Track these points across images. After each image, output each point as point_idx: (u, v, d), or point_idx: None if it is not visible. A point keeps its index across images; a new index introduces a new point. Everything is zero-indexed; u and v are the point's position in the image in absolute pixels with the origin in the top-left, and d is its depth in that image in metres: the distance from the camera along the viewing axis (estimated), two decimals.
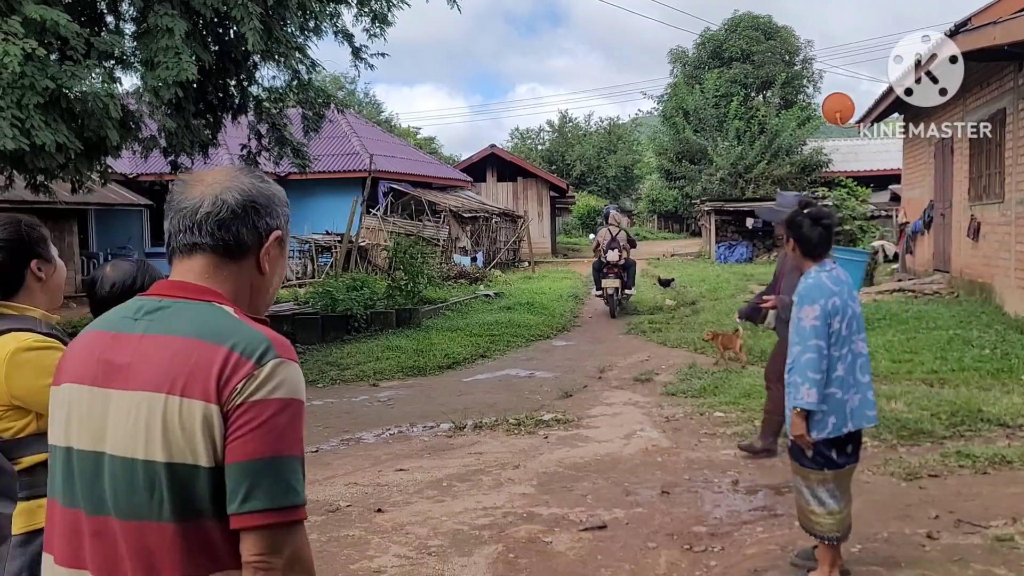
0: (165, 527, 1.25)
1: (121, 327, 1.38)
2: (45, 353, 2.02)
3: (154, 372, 1.29)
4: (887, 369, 7.95)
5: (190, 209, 1.39)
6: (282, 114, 11.28)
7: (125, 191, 21.11)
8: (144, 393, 1.28)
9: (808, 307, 3.44)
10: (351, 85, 48.89)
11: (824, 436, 3.44)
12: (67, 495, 1.35)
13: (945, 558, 3.83)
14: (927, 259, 14.93)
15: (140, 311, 1.38)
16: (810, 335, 3.42)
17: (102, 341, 1.38)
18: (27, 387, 1.99)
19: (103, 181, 10.52)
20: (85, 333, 1.44)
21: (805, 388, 3.39)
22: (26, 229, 2.15)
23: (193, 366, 1.27)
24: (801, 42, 37.11)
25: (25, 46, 6.43)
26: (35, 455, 2.02)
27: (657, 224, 53.71)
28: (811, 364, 3.39)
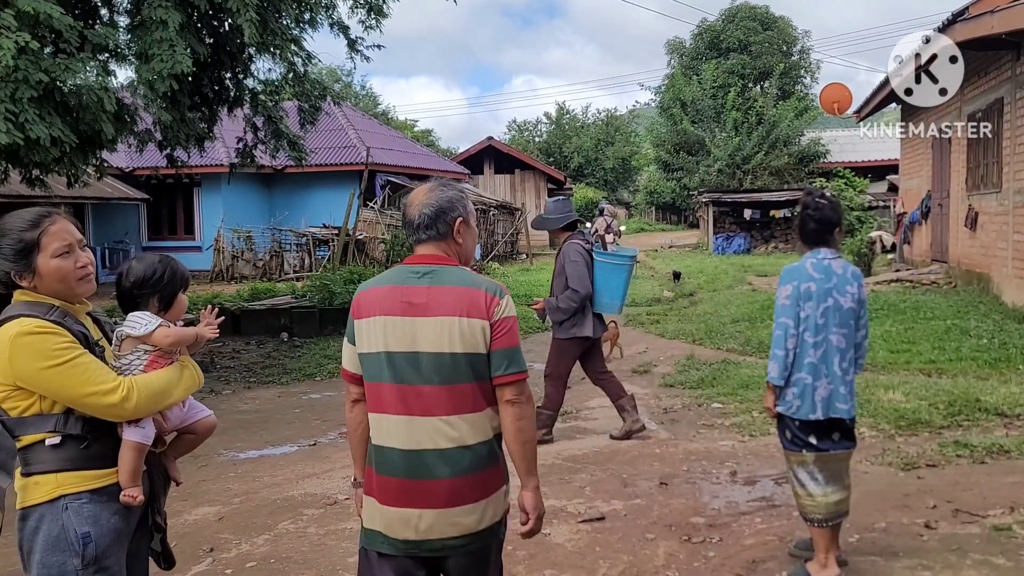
0: (465, 386, 2.30)
1: (408, 282, 2.35)
2: (44, 338, 2.09)
3: (447, 306, 2.29)
4: (885, 359, 7.96)
5: (412, 221, 2.41)
6: (278, 107, 11.22)
7: (122, 185, 21.06)
8: (444, 318, 2.29)
9: (782, 287, 3.60)
10: (347, 78, 48.78)
11: (791, 415, 3.55)
12: (393, 377, 2.31)
13: (943, 548, 3.84)
14: (925, 249, 14.94)
15: (419, 273, 2.36)
16: (780, 313, 3.58)
17: (397, 291, 2.34)
18: (26, 369, 2.07)
19: (99, 175, 10.46)
20: (377, 287, 2.38)
21: (771, 363, 3.57)
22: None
23: (470, 302, 2.30)
24: (798, 32, 37.09)
25: (18, 39, 6.37)
26: (35, 434, 2.13)
27: (655, 216, 53.64)
28: (777, 341, 3.56)
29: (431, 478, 2.31)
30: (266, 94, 10.94)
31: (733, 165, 29.96)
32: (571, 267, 5.83)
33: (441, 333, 2.30)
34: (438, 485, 2.31)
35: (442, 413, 2.31)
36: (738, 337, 9.93)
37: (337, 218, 20.64)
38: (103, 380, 2.12)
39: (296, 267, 21.26)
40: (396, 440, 2.34)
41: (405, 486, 2.33)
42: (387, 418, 2.35)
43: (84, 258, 2.23)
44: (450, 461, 2.31)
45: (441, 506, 2.31)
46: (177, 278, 2.44)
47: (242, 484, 5.36)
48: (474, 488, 2.34)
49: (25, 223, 2.18)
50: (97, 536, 2.14)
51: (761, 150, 29.60)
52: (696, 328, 10.93)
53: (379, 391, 2.36)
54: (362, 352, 2.38)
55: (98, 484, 2.18)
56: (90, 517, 2.14)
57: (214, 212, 22.45)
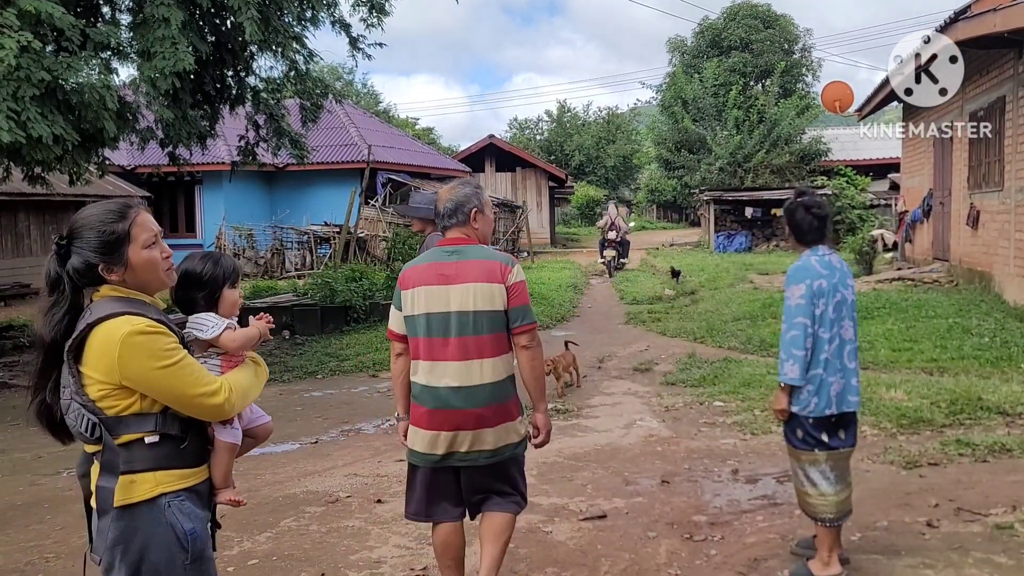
0: (488, 336, 3.08)
1: (440, 259, 3.13)
2: (155, 338, 2.07)
3: (471, 275, 3.07)
4: (887, 357, 7.96)
5: (441, 212, 3.21)
6: (280, 105, 11.23)
7: (123, 183, 21.05)
8: (471, 284, 3.07)
9: (795, 286, 3.56)
10: (349, 76, 48.77)
11: (807, 414, 3.53)
12: (432, 331, 3.09)
13: (945, 546, 3.84)
14: (926, 248, 14.93)
15: (448, 252, 3.13)
16: (795, 313, 3.53)
17: (433, 266, 3.13)
18: (138, 369, 2.04)
19: (100, 173, 10.47)
20: (418, 265, 3.18)
21: (789, 364, 3.51)
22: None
23: (490, 271, 3.08)
24: (800, 31, 37.01)
25: (20, 38, 6.38)
26: (134, 433, 2.10)
27: (656, 214, 53.65)
28: (795, 341, 3.51)
29: (462, 407, 3.09)
30: (268, 92, 10.95)
31: (734, 163, 29.91)
32: None
33: (467, 296, 3.10)
34: (468, 413, 3.08)
35: (471, 358, 3.09)
36: (739, 335, 9.93)
37: (338, 216, 20.64)
38: (208, 381, 2.13)
39: (297, 265, 21.27)
40: (435, 380, 3.11)
41: (441, 414, 3.10)
42: (428, 363, 3.13)
43: (167, 249, 2.27)
44: (477, 394, 3.09)
45: (470, 428, 3.09)
46: (219, 274, 2.40)
47: (244, 482, 5.36)
48: (495, 415, 3.12)
49: (112, 215, 2.16)
50: (200, 531, 2.18)
51: (762, 148, 29.55)
52: (697, 326, 10.93)
53: (421, 343, 3.15)
54: (407, 315, 3.19)
55: (193, 482, 2.20)
56: (191, 513, 2.16)
57: (215, 210, 22.46)
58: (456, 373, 3.08)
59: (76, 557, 4.22)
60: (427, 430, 3.12)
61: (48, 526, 4.72)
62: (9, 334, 12.13)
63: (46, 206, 18.73)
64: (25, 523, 4.78)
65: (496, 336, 3.12)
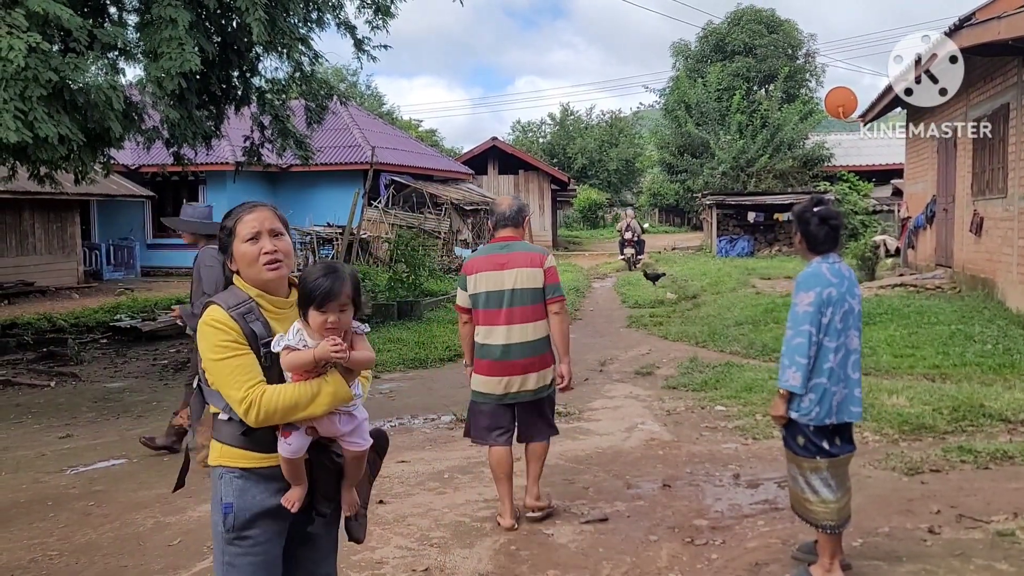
0: (530, 307, 4.28)
1: (495, 252, 4.33)
2: (214, 331, 2.28)
3: (521, 262, 4.28)
4: (889, 364, 7.96)
5: (503, 214, 4.40)
6: (285, 106, 11.25)
7: (128, 182, 21.10)
8: (519, 269, 4.27)
9: (803, 293, 3.55)
10: (353, 77, 48.81)
11: (808, 421, 3.52)
12: (488, 305, 4.27)
13: (947, 553, 3.85)
14: (929, 254, 14.92)
15: (501, 246, 4.34)
16: (802, 320, 3.51)
17: (490, 257, 4.34)
18: (202, 354, 2.31)
19: (106, 172, 10.49)
20: (479, 256, 4.41)
21: (791, 371, 3.50)
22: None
23: (532, 259, 4.31)
24: (804, 36, 37.09)
25: (29, 39, 6.41)
26: (214, 406, 2.36)
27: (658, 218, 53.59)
28: (799, 348, 3.49)
29: (512, 359, 4.29)
30: (273, 93, 10.97)
31: (737, 168, 29.92)
32: (206, 272, 5.77)
33: (516, 278, 4.30)
34: (516, 363, 4.29)
35: (518, 323, 4.29)
36: (742, 340, 9.93)
37: (341, 217, 20.66)
38: (239, 386, 2.24)
39: (300, 265, 21.29)
40: (493, 339, 4.32)
41: (498, 365, 4.31)
42: (486, 328, 4.34)
43: (269, 244, 2.35)
44: (522, 350, 4.29)
45: (518, 374, 4.29)
46: (305, 292, 2.30)
47: None
48: (535, 364, 4.31)
49: (228, 213, 2.43)
50: (239, 508, 2.33)
51: (765, 153, 29.57)
52: (699, 330, 10.94)
53: (481, 313, 4.35)
54: (471, 293, 4.38)
55: (251, 464, 2.34)
56: (237, 490, 2.33)
57: (219, 210, 22.29)
58: (507, 335, 4.29)
59: (80, 554, 4.24)
60: (488, 376, 4.34)
61: (51, 523, 4.73)
62: (13, 332, 12.15)
63: (51, 205, 18.78)
64: (28, 521, 4.79)
65: (536, 307, 4.32)
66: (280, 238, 2.39)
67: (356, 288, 2.36)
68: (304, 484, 2.37)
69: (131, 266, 22.51)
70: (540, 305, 4.32)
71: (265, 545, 2.36)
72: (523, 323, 4.27)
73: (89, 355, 10.88)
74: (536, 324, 4.31)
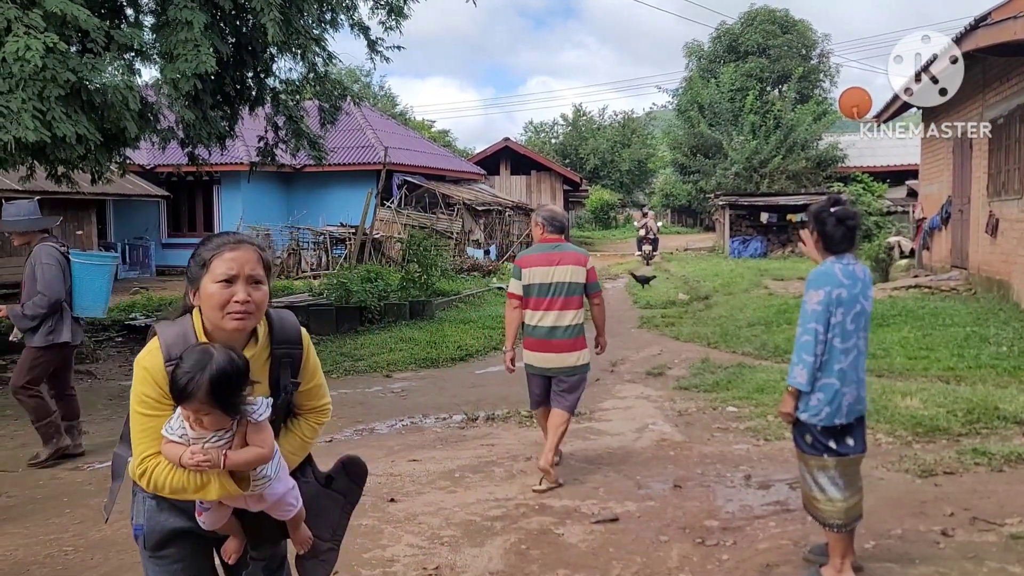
0: (574, 297, 5.17)
1: (547, 251, 5.21)
2: (142, 379, 2.11)
3: (569, 261, 5.17)
4: (902, 365, 7.92)
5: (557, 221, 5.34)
6: (299, 106, 11.32)
7: (143, 182, 21.27)
8: (569, 266, 5.15)
9: (814, 291, 3.55)
10: (366, 78, 48.96)
11: (816, 421, 3.52)
12: (539, 294, 5.14)
13: (960, 555, 3.82)
14: (944, 255, 14.82)
15: (552, 246, 5.23)
16: (810, 319, 3.52)
17: (542, 255, 5.21)
18: (132, 389, 2.16)
19: (121, 172, 10.58)
20: (532, 254, 5.26)
21: (798, 368, 3.51)
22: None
23: (578, 259, 5.21)
24: (818, 36, 36.91)
25: (47, 40, 6.48)
26: None
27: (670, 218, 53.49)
28: (806, 346, 3.50)
29: (555, 339, 5.15)
30: (287, 93, 11.04)
31: (750, 168, 29.81)
32: (43, 270, 5.59)
33: (564, 273, 5.16)
34: (559, 342, 5.14)
35: (562, 309, 5.14)
36: (754, 341, 9.90)
37: (354, 217, 20.74)
38: (140, 449, 2.10)
39: (313, 265, 21.38)
40: (541, 322, 5.17)
41: (544, 344, 5.16)
42: (535, 313, 5.18)
43: (243, 294, 2.07)
44: (565, 331, 5.15)
45: (559, 352, 5.15)
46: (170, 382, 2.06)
47: None
48: (574, 345, 5.17)
49: (210, 243, 2.17)
50: (148, 531, 2.23)
51: (778, 154, 29.44)
52: (711, 331, 10.91)
53: (532, 301, 5.20)
54: (525, 283, 5.19)
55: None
56: (148, 512, 2.23)
57: (233, 210, 22.64)
58: (553, 319, 5.15)
59: (95, 550, 4.28)
60: (535, 352, 5.22)
61: (67, 519, 4.78)
62: None
63: (68, 204, 18.93)
64: (45, 517, 4.84)
65: (576, 298, 5.19)
66: (258, 287, 2.11)
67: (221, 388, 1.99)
68: (239, 537, 2.25)
69: (146, 265, 22.69)
70: (579, 297, 5.21)
71: (186, 561, 2.25)
72: (565, 310, 5.16)
73: (104, 353, 10.97)
74: (576, 312, 5.19)
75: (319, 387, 2.34)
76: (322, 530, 2.35)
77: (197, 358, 2.01)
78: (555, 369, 5.16)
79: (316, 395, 2.33)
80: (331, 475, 2.42)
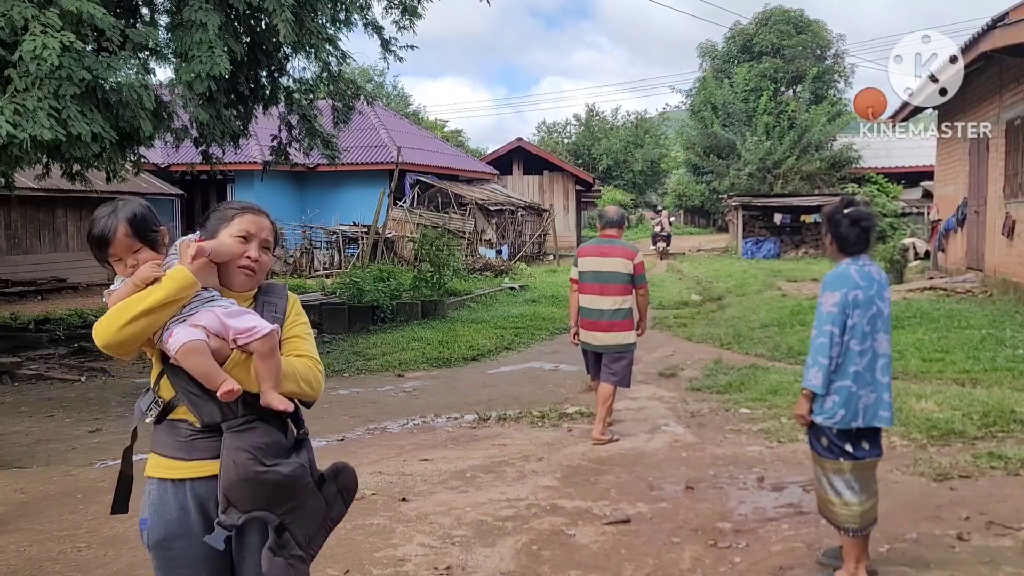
0: (622, 285, 6.09)
1: (602, 244, 6.23)
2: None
3: (618, 254, 6.12)
4: (917, 368, 7.85)
5: (610, 219, 6.34)
6: (312, 105, 11.34)
7: (157, 181, 21.40)
8: (618, 258, 6.10)
9: (829, 293, 3.53)
10: (380, 78, 49.06)
11: (832, 424, 3.49)
12: (592, 280, 6.14)
13: (975, 560, 3.78)
14: (960, 257, 14.69)
15: (607, 241, 6.27)
16: (826, 320, 3.49)
17: (597, 247, 6.24)
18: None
19: (136, 171, 10.65)
20: (589, 246, 6.36)
21: (813, 371, 3.49)
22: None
23: (626, 253, 6.15)
24: (833, 36, 36.67)
25: (63, 38, 6.52)
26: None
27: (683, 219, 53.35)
28: (822, 348, 3.48)
29: (603, 320, 6.05)
30: (301, 93, 11.07)
31: (764, 169, 29.69)
32: None
33: (615, 264, 6.03)
34: (605, 323, 6.04)
35: (611, 295, 6.03)
36: (767, 342, 9.85)
37: (367, 216, 20.80)
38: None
39: (326, 264, 21.45)
40: (593, 305, 6.08)
41: (594, 323, 6.08)
42: (588, 296, 6.10)
43: (255, 252, 2.25)
44: (612, 314, 6.03)
45: (605, 331, 6.06)
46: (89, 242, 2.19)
47: None
48: (619, 326, 6.05)
49: (234, 204, 2.35)
50: (152, 526, 2.16)
51: (792, 154, 29.30)
52: (724, 332, 10.86)
53: (586, 286, 6.12)
54: (581, 271, 6.14)
55: (168, 473, 2.17)
56: (154, 504, 2.17)
57: None
58: (602, 303, 6.06)
59: (108, 547, 4.31)
60: (589, 331, 6.15)
61: (81, 516, 4.80)
62: (46, 327, 12.37)
63: (83, 202, 19.08)
64: (58, 513, 4.87)
65: (623, 286, 6.07)
66: (266, 252, 2.29)
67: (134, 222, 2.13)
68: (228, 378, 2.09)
69: None
70: (626, 286, 6.06)
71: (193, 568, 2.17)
72: (613, 295, 6.04)
73: None
74: (623, 298, 6.07)
75: (303, 339, 2.31)
76: (298, 529, 2.18)
77: (104, 209, 2.16)
78: (601, 346, 6.11)
79: (300, 347, 2.29)
80: (324, 475, 2.33)
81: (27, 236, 18.25)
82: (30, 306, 15.60)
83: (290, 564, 2.13)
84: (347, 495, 2.37)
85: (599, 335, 6.07)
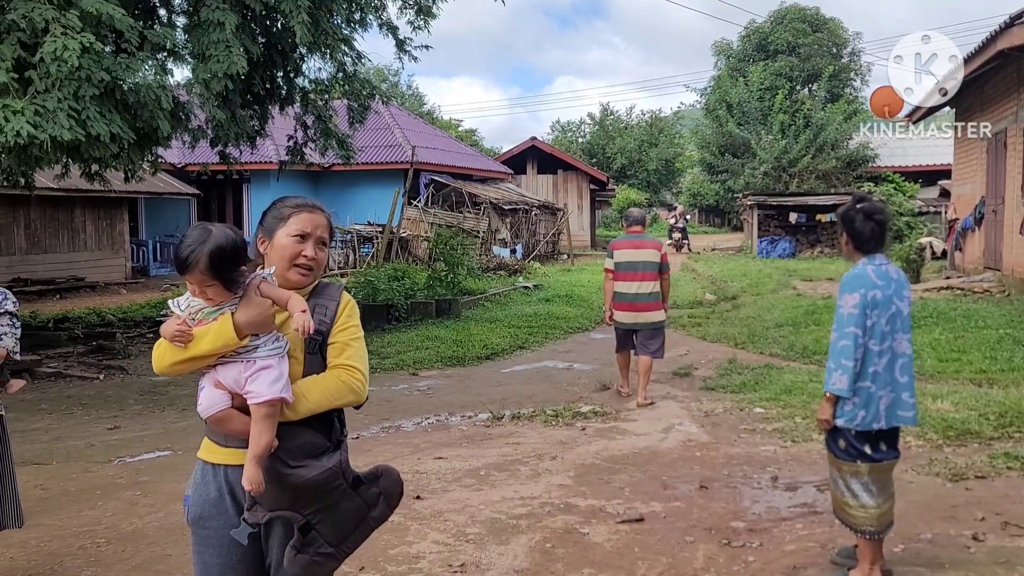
0: (653, 272, 7.39)
1: (634, 239, 7.54)
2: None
3: (649, 246, 7.49)
4: (933, 368, 7.80)
5: (637, 219, 7.67)
6: (328, 105, 11.41)
7: (174, 180, 21.57)
8: (650, 250, 7.46)
9: (848, 295, 3.49)
10: (394, 77, 49.19)
11: (853, 426, 3.47)
12: (627, 269, 7.38)
13: (991, 560, 3.77)
14: (977, 257, 14.57)
15: (637, 235, 7.53)
16: (847, 323, 3.46)
17: (630, 241, 7.49)
18: None
19: (154, 170, 10.77)
20: (622, 240, 7.59)
21: (837, 374, 3.45)
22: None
23: (655, 245, 7.57)
24: (849, 34, 36.43)
25: (83, 40, 6.60)
26: None
27: (698, 218, 53.14)
28: (845, 351, 3.44)
29: (639, 302, 7.30)
30: (316, 93, 11.14)
31: (779, 168, 29.51)
32: None
33: (647, 255, 7.37)
34: (639, 304, 7.30)
35: (643, 280, 7.30)
36: (781, 342, 9.81)
37: (382, 216, 20.87)
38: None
39: (340, 263, 21.54)
40: (628, 289, 7.33)
41: (629, 305, 7.33)
42: (624, 283, 7.34)
43: (311, 251, 2.30)
44: (645, 297, 7.31)
45: (642, 311, 7.32)
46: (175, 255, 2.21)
47: None
48: (651, 307, 7.32)
49: (291, 201, 2.39)
50: (192, 502, 2.28)
51: (808, 153, 29.11)
52: (738, 332, 10.83)
53: (622, 274, 7.36)
54: (617, 261, 7.39)
55: (210, 457, 2.28)
56: (196, 482, 2.30)
57: (263, 208, 22.63)
58: (636, 287, 7.25)
59: (127, 542, 4.36)
60: (624, 312, 7.32)
61: (100, 512, 4.87)
62: (64, 326, 12.51)
63: (101, 202, 19.28)
64: (78, 509, 4.94)
65: (653, 273, 7.28)
66: (323, 248, 2.35)
67: (219, 260, 2.11)
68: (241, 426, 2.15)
69: None
70: (655, 272, 7.29)
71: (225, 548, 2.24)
72: (644, 281, 7.25)
73: (136, 349, 11.15)
74: (653, 283, 7.29)
75: (346, 345, 2.31)
76: (327, 529, 2.19)
77: (198, 234, 2.15)
78: (639, 324, 7.30)
79: (342, 352, 2.29)
80: (361, 479, 2.32)
81: (46, 235, 18.46)
82: (49, 305, 15.78)
83: (315, 561, 2.18)
84: (390, 497, 2.41)
85: (638, 315, 7.26)
